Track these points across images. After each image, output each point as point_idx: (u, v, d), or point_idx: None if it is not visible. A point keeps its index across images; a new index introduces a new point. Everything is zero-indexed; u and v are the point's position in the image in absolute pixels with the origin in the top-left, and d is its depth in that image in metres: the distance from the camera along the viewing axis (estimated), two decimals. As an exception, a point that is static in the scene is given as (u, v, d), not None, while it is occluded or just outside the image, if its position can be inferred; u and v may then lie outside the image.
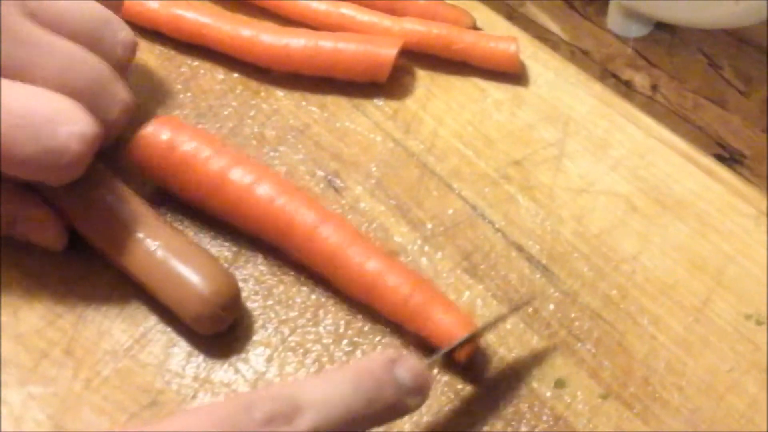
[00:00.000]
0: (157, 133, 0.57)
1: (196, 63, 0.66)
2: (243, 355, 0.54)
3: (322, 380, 0.43)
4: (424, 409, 0.52)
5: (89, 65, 0.54)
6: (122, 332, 0.54)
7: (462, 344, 0.52)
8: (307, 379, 0.44)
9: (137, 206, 0.56)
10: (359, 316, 0.55)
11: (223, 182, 0.56)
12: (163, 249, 0.53)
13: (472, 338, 0.52)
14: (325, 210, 0.56)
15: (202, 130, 0.59)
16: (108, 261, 0.56)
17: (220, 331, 0.54)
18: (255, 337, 0.55)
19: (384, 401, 0.44)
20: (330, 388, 0.43)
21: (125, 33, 0.57)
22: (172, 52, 0.67)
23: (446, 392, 0.53)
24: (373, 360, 0.45)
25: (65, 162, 0.51)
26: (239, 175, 0.56)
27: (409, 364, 0.46)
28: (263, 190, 0.55)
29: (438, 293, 0.54)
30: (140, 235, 0.54)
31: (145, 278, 0.54)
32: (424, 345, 0.53)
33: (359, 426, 0.44)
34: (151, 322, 0.55)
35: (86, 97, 0.53)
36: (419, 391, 0.46)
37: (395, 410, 0.45)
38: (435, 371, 0.53)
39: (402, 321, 0.53)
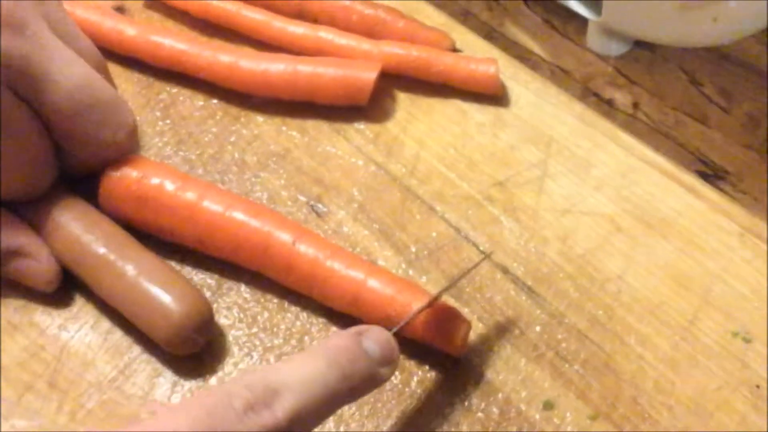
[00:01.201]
0: (124, 174, 0.57)
1: (175, 90, 0.66)
2: (228, 385, 0.53)
3: (296, 362, 0.44)
4: (412, 434, 0.51)
5: (102, 85, 0.55)
6: (106, 363, 0.54)
7: (411, 319, 0.52)
8: (280, 363, 0.44)
9: (108, 228, 0.55)
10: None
11: (194, 212, 0.56)
12: (135, 271, 0.53)
13: (429, 305, 0.52)
14: (299, 227, 0.56)
15: (167, 165, 0.59)
16: (82, 284, 0.55)
17: (194, 351, 0.54)
18: (241, 365, 0.54)
19: (358, 374, 0.45)
20: (304, 368, 0.43)
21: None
22: (151, 79, 0.67)
23: (434, 418, 0.52)
24: (340, 336, 0.46)
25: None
26: (210, 203, 0.56)
27: (375, 336, 0.47)
28: (237, 215, 0.56)
29: (423, 292, 0.54)
30: (111, 257, 0.54)
31: (117, 301, 0.54)
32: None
33: (338, 401, 0.44)
34: (135, 352, 0.54)
35: (96, 115, 0.54)
36: (389, 360, 0.47)
37: (370, 382, 0.46)
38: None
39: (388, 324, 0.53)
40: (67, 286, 0.56)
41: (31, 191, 0.56)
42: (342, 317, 0.55)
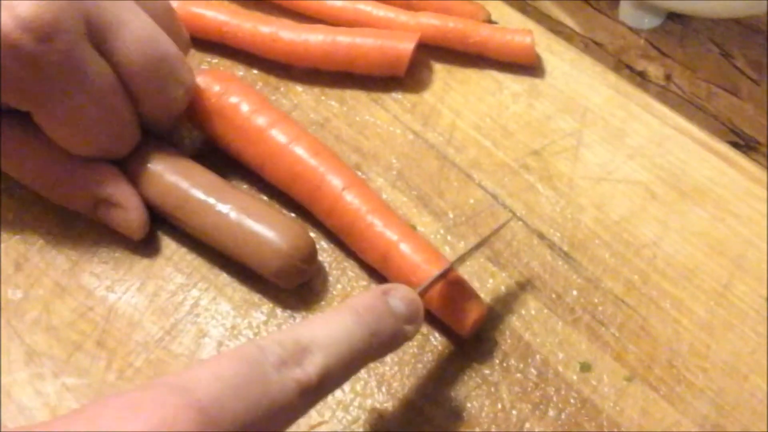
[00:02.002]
0: (208, 84, 0.59)
1: (215, 60, 0.67)
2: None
3: (324, 320, 0.44)
4: (453, 394, 0.53)
5: (166, 39, 0.55)
6: (153, 324, 0.55)
7: (436, 280, 0.52)
8: (308, 321, 0.45)
9: (204, 174, 0.57)
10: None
11: (261, 137, 0.58)
12: (236, 211, 0.55)
13: (446, 273, 0.53)
14: (354, 176, 0.58)
15: (250, 87, 0.61)
16: (183, 230, 0.57)
17: (302, 282, 0.56)
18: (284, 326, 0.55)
19: (385, 331, 0.46)
20: (332, 325, 0.44)
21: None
22: (192, 50, 0.67)
23: (473, 378, 0.54)
24: (367, 295, 0.46)
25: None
26: (278, 132, 0.58)
27: (401, 294, 0.47)
28: (298, 150, 0.57)
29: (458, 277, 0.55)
30: (212, 200, 0.55)
31: (222, 242, 0.55)
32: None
33: (365, 358, 0.45)
34: (181, 313, 0.56)
35: (164, 70, 0.55)
36: (414, 318, 0.48)
37: (396, 339, 0.47)
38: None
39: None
40: (115, 249, 0.57)
41: (118, 149, 0.56)
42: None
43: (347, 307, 0.45)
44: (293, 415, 0.42)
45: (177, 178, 0.56)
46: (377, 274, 0.57)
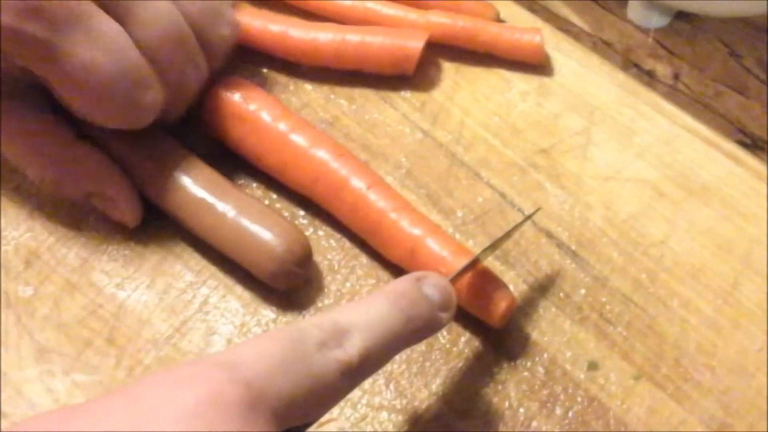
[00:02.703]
0: (228, 92, 0.60)
1: (225, 58, 0.67)
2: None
3: (361, 304, 0.45)
4: (460, 392, 0.53)
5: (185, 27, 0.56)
6: (162, 321, 0.55)
7: (466, 269, 0.53)
8: (345, 306, 0.45)
9: (207, 173, 0.57)
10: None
11: (283, 142, 0.58)
12: (235, 211, 0.55)
13: (475, 262, 0.53)
14: (375, 175, 0.59)
15: (268, 93, 0.61)
16: (182, 227, 0.57)
17: (295, 286, 0.56)
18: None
19: (420, 317, 0.46)
20: (369, 310, 0.44)
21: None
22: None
23: (481, 376, 0.54)
24: (401, 282, 0.47)
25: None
26: (298, 136, 0.58)
27: (434, 281, 0.48)
28: (319, 153, 0.58)
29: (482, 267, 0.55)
30: (211, 199, 0.56)
31: (219, 241, 0.56)
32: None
33: (401, 343, 0.46)
34: (191, 311, 0.56)
35: (181, 54, 0.56)
36: (447, 306, 0.48)
37: (430, 326, 0.47)
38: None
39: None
40: (125, 247, 0.58)
41: (139, 115, 0.55)
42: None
43: (383, 293, 0.46)
44: (335, 395, 0.42)
45: (178, 175, 0.57)
46: (386, 272, 0.57)
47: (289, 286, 0.56)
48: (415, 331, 0.46)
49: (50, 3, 0.50)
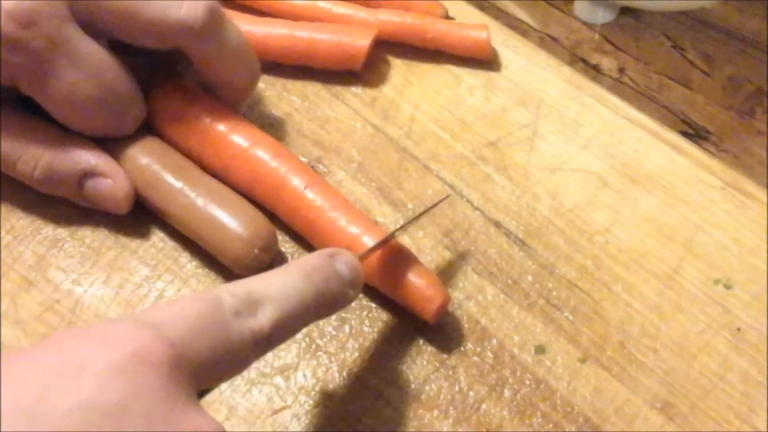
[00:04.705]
0: (170, 94, 0.61)
1: (179, 58, 0.68)
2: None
3: (275, 276, 0.46)
4: (411, 377, 0.54)
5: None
6: (118, 315, 0.56)
7: (377, 247, 0.55)
8: (261, 276, 0.46)
9: (176, 158, 0.59)
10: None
11: (222, 142, 0.59)
12: (203, 197, 0.56)
13: (386, 241, 0.55)
14: (315, 175, 0.60)
15: (208, 95, 0.62)
16: (151, 210, 0.59)
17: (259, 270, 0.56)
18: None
19: (331, 292, 0.48)
20: (283, 282, 0.46)
21: None
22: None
23: (432, 361, 0.55)
24: (315, 256, 0.49)
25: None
26: (237, 137, 0.59)
27: (346, 258, 0.49)
28: (259, 152, 0.59)
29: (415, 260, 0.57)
30: (180, 184, 0.57)
31: (186, 224, 0.57)
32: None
33: (311, 316, 0.47)
34: (147, 304, 0.57)
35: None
36: (356, 283, 0.50)
37: (339, 301, 0.49)
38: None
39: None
40: (81, 244, 0.59)
41: (123, 125, 0.58)
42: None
43: (297, 266, 0.47)
44: (245, 361, 0.44)
45: (149, 160, 0.58)
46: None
47: (253, 272, 0.56)
48: (325, 305, 0.48)
49: (32, 33, 0.52)
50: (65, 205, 0.59)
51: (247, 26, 0.66)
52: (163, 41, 0.57)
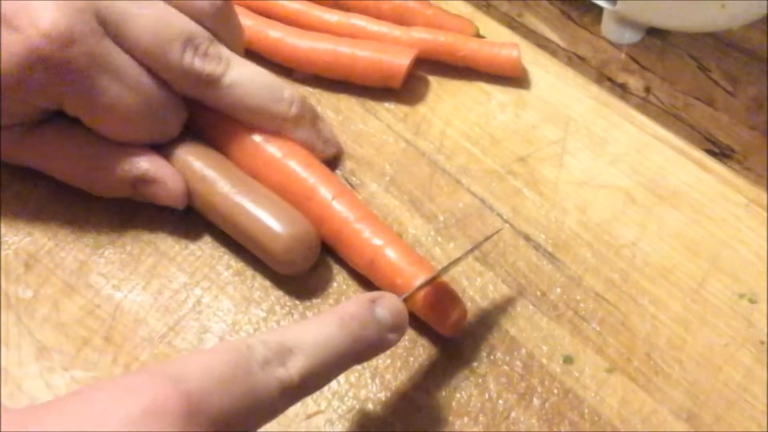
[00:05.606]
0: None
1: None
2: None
3: (310, 324, 0.47)
4: (442, 385, 0.55)
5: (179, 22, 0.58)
6: (157, 321, 0.58)
7: (424, 285, 0.55)
8: (295, 325, 0.48)
9: (219, 158, 0.61)
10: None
11: (257, 151, 0.61)
12: (247, 195, 0.58)
13: (434, 279, 0.56)
14: (343, 187, 0.61)
15: None
16: (196, 208, 0.60)
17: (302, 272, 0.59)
18: (283, 322, 0.58)
19: (368, 338, 0.48)
20: (317, 330, 0.46)
21: None
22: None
23: (462, 370, 0.56)
24: (354, 302, 0.49)
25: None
26: (272, 148, 0.61)
27: (388, 302, 0.50)
28: (291, 163, 0.61)
29: (431, 268, 0.58)
30: (226, 182, 0.59)
31: (232, 222, 0.59)
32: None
33: (346, 363, 0.48)
34: (184, 310, 0.58)
35: (175, 52, 0.58)
36: (398, 328, 0.50)
37: (378, 346, 0.50)
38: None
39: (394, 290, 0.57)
40: (121, 250, 0.60)
41: (166, 130, 0.60)
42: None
43: (334, 314, 0.48)
44: (273, 411, 0.44)
45: (201, 164, 0.60)
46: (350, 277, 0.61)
47: (298, 270, 0.58)
48: (362, 351, 0.48)
49: (75, 52, 0.53)
50: (106, 214, 0.61)
51: (293, 39, 0.68)
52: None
